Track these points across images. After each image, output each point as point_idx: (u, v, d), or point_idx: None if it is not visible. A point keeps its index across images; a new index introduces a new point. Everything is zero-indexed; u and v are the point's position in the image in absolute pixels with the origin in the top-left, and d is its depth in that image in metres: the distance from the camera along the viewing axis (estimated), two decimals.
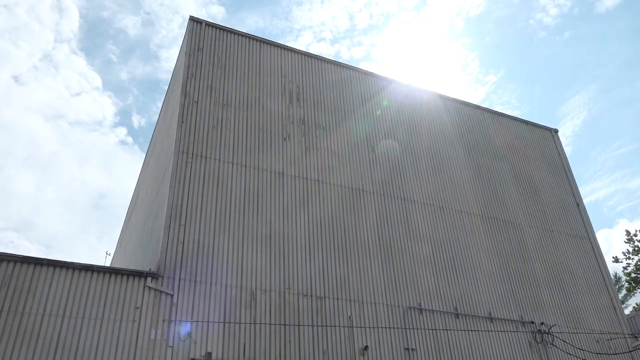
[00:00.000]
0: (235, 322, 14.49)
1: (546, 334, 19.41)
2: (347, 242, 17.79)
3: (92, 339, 12.80)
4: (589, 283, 22.47)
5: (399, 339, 16.62)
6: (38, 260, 13.25)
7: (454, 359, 17.17)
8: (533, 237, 22.33)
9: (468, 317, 18.39)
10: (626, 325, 22.01)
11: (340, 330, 15.84)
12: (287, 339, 14.96)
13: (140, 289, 13.91)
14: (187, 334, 13.71)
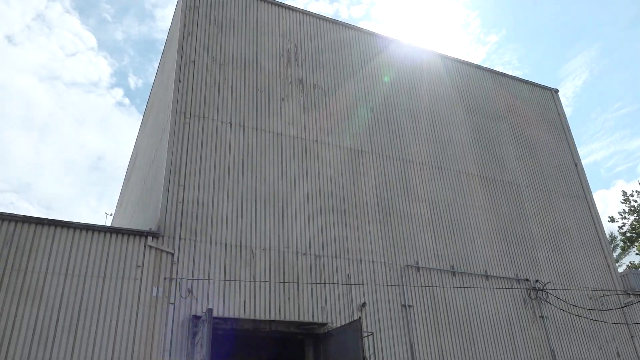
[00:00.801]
0: (235, 280, 14.72)
1: (540, 291, 19.77)
2: (346, 202, 17.88)
3: (95, 296, 13.02)
4: (584, 242, 22.73)
5: (396, 296, 16.92)
6: (39, 220, 13.33)
7: (449, 315, 17.53)
8: (530, 197, 22.46)
9: (464, 275, 18.68)
10: (619, 282, 22.39)
11: (338, 288, 16.11)
12: (287, 296, 15.22)
13: (141, 248, 14.06)
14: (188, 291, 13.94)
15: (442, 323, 17.25)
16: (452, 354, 16.86)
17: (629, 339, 20.94)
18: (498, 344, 17.90)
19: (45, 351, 11.98)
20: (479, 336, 17.66)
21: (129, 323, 13.04)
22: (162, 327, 13.33)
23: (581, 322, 20.04)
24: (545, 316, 19.38)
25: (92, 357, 12.34)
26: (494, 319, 18.30)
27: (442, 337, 16.97)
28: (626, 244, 39.74)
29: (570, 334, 19.64)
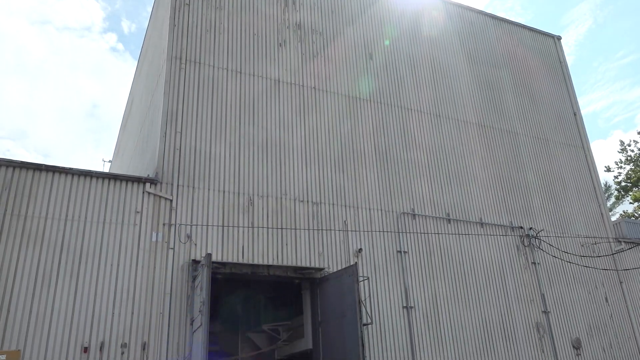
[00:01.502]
0: (233, 226, 14.91)
1: (534, 238, 20.12)
2: (344, 150, 17.88)
3: (95, 241, 13.22)
4: (579, 191, 22.94)
5: (392, 242, 17.21)
6: (37, 165, 13.34)
7: (444, 261, 17.90)
8: (528, 145, 22.48)
9: (459, 222, 18.94)
10: (611, 230, 22.77)
11: (335, 234, 16.36)
12: (284, 241, 15.47)
13: (140, 194, 14.15)
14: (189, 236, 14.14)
15: (437, 269, 17.63)
16: (445, 298, 17.33)
17: (618, 285, 21.49)
18: (490, 288, 18.38)
19: (48, 293, 12.27)
20: (472, 281, 18.10)
21: (130, 267, 13.31)
22: (162, 272, 13.61)
23: (572, 268, 20.51)
24: (537, 262, 19.81)
25: (94, 300, 12.66)
26: (487, 265, 18.71)
27: (436, 282, 17.40)
28: (620, 193, 40.11)
29: (560, 280, 20.14)
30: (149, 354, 12.71)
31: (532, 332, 18.53)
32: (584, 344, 19.41)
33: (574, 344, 19.14)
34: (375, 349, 15.40)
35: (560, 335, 19.04)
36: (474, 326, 17.40)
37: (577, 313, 19.92)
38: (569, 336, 19.25)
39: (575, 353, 19.06)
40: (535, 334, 18.57)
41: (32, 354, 11.65)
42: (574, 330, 19.50)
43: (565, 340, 19.08)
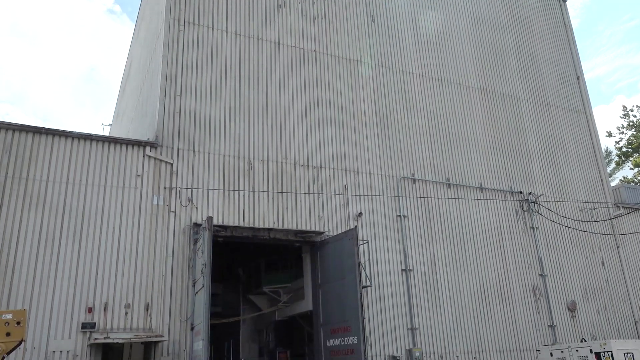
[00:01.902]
0: (234, 190, 14.98)
1: (533, 203, 20.23)
2: (344, 114, 17.79)
3: (97, 204, 13.30)
4: (580, 156, 22.94)
5: (392, 207, 17.33)
6: (37, 129, 13.31)
7: (443, 225, 18.06)
8: (530, 110, 22.35)
9: (459, 187, 19.01)
10: (610, 195, 22.87)
11: (335, 198, 16.45)
12: (285, 205, 15.57)
13: (140, 157, 14.17)
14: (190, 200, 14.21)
15: (436, 232, 17.80)
16: (444, 261, 17.56)
17: (615, 249, 21.73)
18: (488, 252, 18.59)
19: (52, 255, 12.44)
20: (470, 245, 18.30)
21: (132, 230, 13.44)
22: (164, 234, 13.75)
23: (570, 232, 20.70)
24: (535, 227, 19.98)
25: (97, 261, 12.84)
26: (485, 229, 18.88)
27: (434, 245, 17.59)
28: (621, 159, 40.10)
29: (558, 244, 20.36)
30: (152, 315, 12.97)
31: (529, 295, 18.84)
32: (579, 306, 19.77)
33: (569, 307, 19.49)
34: (374, 311, 15.70)
35: (556, 297, 19.37)
36: (471, 289, 17.69)
37: (574, 277, 20.21)
38: (565, 299, 19.59)
39: (570, 315, 19.43)
40: (532, 296, 18.89)
41: (38, 313, 11.90)
42: (570, 293, 19.83)
43: (560, 302, 19.42)
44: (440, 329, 16.62)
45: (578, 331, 19.18)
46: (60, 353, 11.85)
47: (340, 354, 14.15)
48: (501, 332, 17.70)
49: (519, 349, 17.79)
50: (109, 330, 12.38)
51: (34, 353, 11.62)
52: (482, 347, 17.13)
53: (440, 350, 16.38)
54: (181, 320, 13.21)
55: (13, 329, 8.15)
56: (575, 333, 19.05)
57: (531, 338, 18.14)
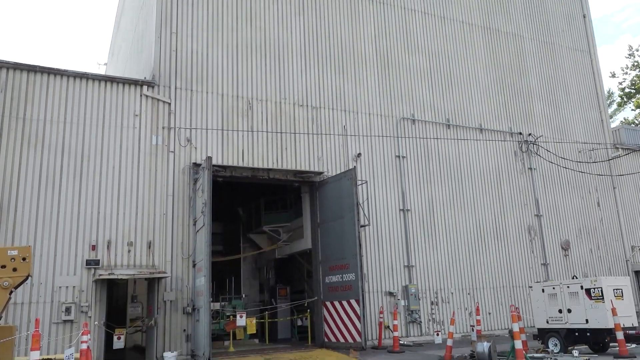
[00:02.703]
0: (233, 130, 14.93)
1: (532, 144, 20.24)
2: (344, 53, 17.46)
3: (96, 143, 13.29)
4: (582, 97, 22.73)
5: (391, 147, 17.34)
6: (31, 67, 13.09)
7: (441, 166, 18.14)
8: (533, 49, 21.93)
9: (459, 127, 18.94)
10: (610, 137, 22.85)
11: (334, 139, 16.43)
12: (284, 146, 15.57)
13: (137, 97, 14.02)
14: None
15: (434, 173, 17.91)
16: (441, 201, 17.76)
17: (611, 190, 21.95)
18: (485, 193, 18.78)
19: (53, 194, 12.56)
20: (468, 186, 18.46)
21: (132, 170, 13.50)
22: (164, 174, 13.83)
23: (567, 173, 20.83)
24: (533, 168, 20.09)
25: (98, 200, 12.97)
26: (483, 170, 18.98)
27: (432, 185, 17.74)
28: (623, 100, 39.70)
29: (555, 185, 20.54)
30: (155, 252, 13.26)
31: (524, 235, 19.20)
32: (573, 245, 20.19)
33: (562, 246, 19.91)
34: (372, 249, 16.05)
35: (550, 237, 19.76)
36: (467, 228, 18.00)
37: (569, 217, 20.52)
38: (559, 238, 19.98)
39: (564, 254, 19.88)
40: (527, 236, 19.26)
41: (43, 250, 12.16)
42: (564, 232, 20.20)
43: (554, 242, 19.82)
44: (435, 266, 17.04)
45: (570, 269, 19.69)
46: (66, 288, 12.20)
47: (338, 290, 14.59)
48: (495, 270, 18.17)
49: (512, 286, 18.33)
50: (112, 267, 12.69)
51: (40, 288, 11.96)
52: (476, 284, 17.63)
53: (435, 287, 16.87)
54: (183, 258, 13.52)
55: (19, 265, 8.36)
56: (568, 271, 19.57)
57: (524, 276, 18.64)
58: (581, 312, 12.47)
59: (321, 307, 15.19)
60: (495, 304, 17.84)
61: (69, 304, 12.04)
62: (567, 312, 12.76)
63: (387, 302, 15.88)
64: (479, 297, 17.47)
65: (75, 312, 12.06)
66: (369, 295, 15.48)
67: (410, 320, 16.03)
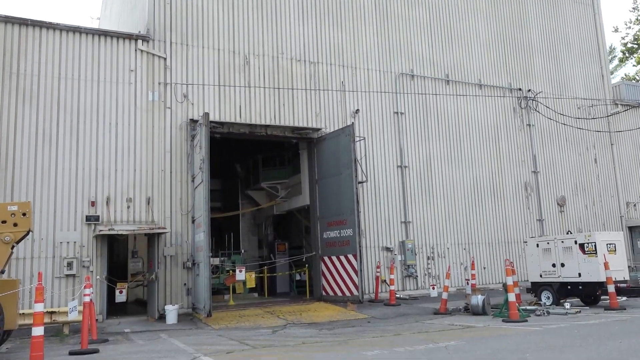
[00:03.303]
0: (230, 85, 14.78)
1: (532, 100, 20.11)
2: (342, 6, 17.09)
3: (92, 99, 13.17)
4: (583, 51, 22.44)
5: (389, 103, 17.22)
6: (22, 20, 12.82)
7: (439, 122, 18.07)
8: (535, 2, 21.48)
9: (458, 83, 18.77)
10: (610, 93, 22.69)
11: (332, 95, 16.30)
12: (281, 102, 15.46)
13: (132, 52, 13.81)
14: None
15: (432, 129, 17.86)
16: (439, 157, 17.79)
17: (609, 147, 21.98)
18: (483, 149, 18.79)
19: (50, 150, 12.54)
20: (466, 142, 18.45)
21: (128, 126, 13.44)
22: (161, 130, 13.78)
23: (566, 130, 20.80)
24: (532, 124, 20.04)
25: (96, 157, 12.96)
26: (482, 127, 18.93)
27: (430, 142, 17.73)
28: (625, 55, 39.18)
29: (553, 141, 20.54)
30: (154, 208, 13.36)
31: (520, 191, 19.34)
32: (568, 201, 20.38)
33: (558, 202, 20.10)
34: (369, 205, 16.19)
35: (546, 193, 19.91)
36: (464, 185, 18.11)
37: (566, 173, 20.62)
38: (555, 194, 20.14)
39: (559, 210, 20.09)
40: (523, 192, 19.40)
41: (42, 206, 12.24)
42: (560, 189, 20.34)
43: (550, 198, 19.99)
44: (432, 222, 17.24)
45: (565, 225, 19.95)
46: (67, 244, 12.36)
47: (336, 245, 14.81)
48: (491, 226, 18.40)
49: (507, 242, 18.61)
50: (112, 223, 12.81)
51: (42, 244, 12.12)
52: (472, 240, 17.89)
53: (431, 242, 17.12)
54: (182, 214, 13.64)
55: (20, 220, 8.44)
56: (563, 227, 19.83)
57: (520, 231, 18.90)
58: (574, 266, 12.73)
59: (319, 262, 15.45)
60: (491, 259, 18.16)
61: (70, 259, 12.23)
62: (560, 267, 13.03)
63: (384, 257, 16.14)
64: (474, 252, 17.76)
65: (77, 267, 12.27)
66: (366, 250, 15.72)
67: (406, 274, 16.34)
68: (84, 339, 8.55)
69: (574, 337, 8.15)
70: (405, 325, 10.92)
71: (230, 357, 7.54)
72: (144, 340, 9.87)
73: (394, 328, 10.45)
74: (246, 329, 11.16)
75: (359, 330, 10.42)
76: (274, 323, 11.79)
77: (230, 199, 22.19)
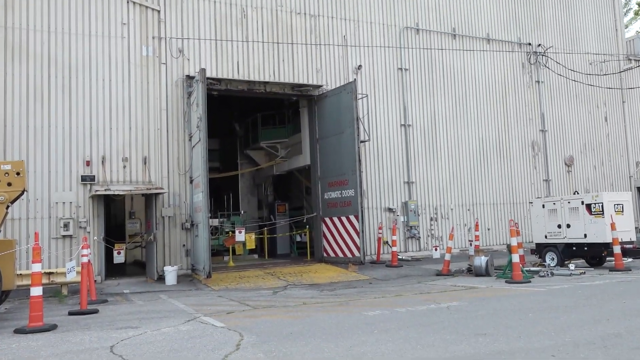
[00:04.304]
0: (227, 40, 14.54)
1: (541, 55, 19.81)
2: None
3: (83, 54, 12.98)
4: (596, 4, 21.94)
5: (393, 59, 16.98)
6: None
7: (445, 78, 17.86)
8: None
9: (465, 37, 18.44)
10: (623, 48, 22.32)
11: (334, 50, 16.05)
12: (281, 57, 15.24)
13: (124, 3, 13.52)
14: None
15: (437, 86, 17.67)
16: (444, 116, 17.67)
17: (620, 105, 21.79)
18: (490, 107, 18.64)
19: (42, 108, 12.45)
20: (472, 100, 18.29)
21: (122, 82, 13.29)
22: (156, 87, 13.64)
23: (576, 87, 20.57)
24: (541, 81, 19.80)
25: (90, 115, 12.87)
26: (489, 84, 18.72)
27: (435, 99, 17.57)
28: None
29: (562, 99, 20.34)
30: (151, 168, 13.37)
31: (527, 150, 19.29)
32: (576, 161, 20.35)
33: (566, 162, 20.07)
34: (372, 165, 16.19)
35: (554, 153, 19.87)
36: (470, 143, 18.05)
37: (574, 132, 20.52)
38: (563, 154, 20.09)
39: (567, 170, 20.09)
40: (530, 151, 19.36)
41: (37, 166, 12.25)
42: (569, 148, 20.28)
43: (558, 157, 19.95)
44: (436, 183, 17.28)
45: (573, 186, 19.99)
46: (63, 204, 12.42)
47: (337, 206, 14.88)
48: (497, 186, 18.44)
49: (513, 202, 18.69)
50: (108, 183, 12.85)
51: (37, 204, 12.19)
52: (477, 200, 17.96)
53: (435, 203, 17.19)
54: (180, 174, 13.66)
55: (14, 179, 8.45)
56: (570, 187, 19.88)
57: (526, 192, 18.95)
58: (580, 227, 12.83)
59: (320, 223, 15.56)
60: (495, 220, 18.28)
61: (67, 220, 12.32)
62: (566, 227, 13.13)
63: (386, 218, 16.25)
64: (478, 214, 17.87)
65: (73, 228, 12.37)
66: (368, 211, 15.81)
67: (409, 235, 16.49)
68: (83, 299, 8.71)
69: (577, 298, 8.28)
70: (407, 286, 11.09)
71: (231, 317, 7.70)
72: (143, 301, 10.05)
73: (395, 289, 10.62)
74: (246, 289, 11.35)
75: (361, 291, 10.59)
76: (274, 284, 11.98)
77: (229, 159, 22.18)
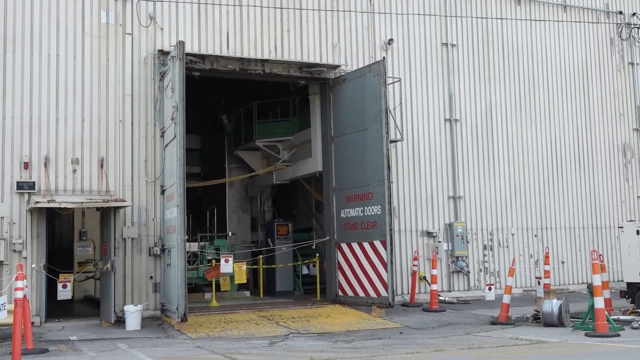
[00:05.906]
0: (214, 4, 14.64)
1: (637, 28, 19.72)
2: None
3: (23, 22, 13.05)
4: None
5: (436, 32, 17.02)
6: None
7: (506, 58, 17.85)
8: None
9: (534, 2, 18.44)
10: None
11: (356, 18, 16.11)
12: (285, 27, 15.31)
13: None
14: None
15: (495, 69, 17.67)
16: (503, 109, 17.64)
17: None
18: (566, 98, 18.59)
19: None
20: (542, 88, 18.25)
21: (74, 58, 13.40)
22: (119, 65, 13.75)
23: None
24: (636, 62, 19.74)
25: (30, 101, 12.95)
26: (565, 65, 18.69)
27: (492, 87, 17.56)
28: None
29: None
30: (109, 173, 13.42)
31: (616, 156, 19.18)
32: None
33: None
34: (405, 173, 16.19)
35: None
36: (538, 147, 18.00)
37: None
38: None
39: None
40: (621, 158, 19.24)
41: None
42: None
43: None
44: (492, 199, 17.22)
45: None
46: None
47: (358, 228, 14.84)
48: (574, 204, 18.35)
49: (596, 227, 18.58)
50: (53, 192, 12.90)
51: None
52: (547, 224, 17.89)
53: (490, 226, 17.13)
54: (148, 181, 13.73)
55: None
56: None
57: (614, 213, 18.84)
58: None
59: (335, 250, 15.54)
60: (572, 251, 18.18)
61: None
62: None
63: (424, 245, 16.22)
64: (549, 241, 17.78)
65: (5, 252, 12.44)
66: (400, 235, 15.82)
67: (454, 269, 16.42)
68: (16, 350, 8.71)
69: None
70: (451, 338, 11.07)
71: None
72: (95, 352, 10.08)
73: (435, 342, 10.60)
74: (234, 339, 11.35)
75: (388, 343, 10.59)
76: (272, 332, 12.00)
77: (214, 162, 22.29)
